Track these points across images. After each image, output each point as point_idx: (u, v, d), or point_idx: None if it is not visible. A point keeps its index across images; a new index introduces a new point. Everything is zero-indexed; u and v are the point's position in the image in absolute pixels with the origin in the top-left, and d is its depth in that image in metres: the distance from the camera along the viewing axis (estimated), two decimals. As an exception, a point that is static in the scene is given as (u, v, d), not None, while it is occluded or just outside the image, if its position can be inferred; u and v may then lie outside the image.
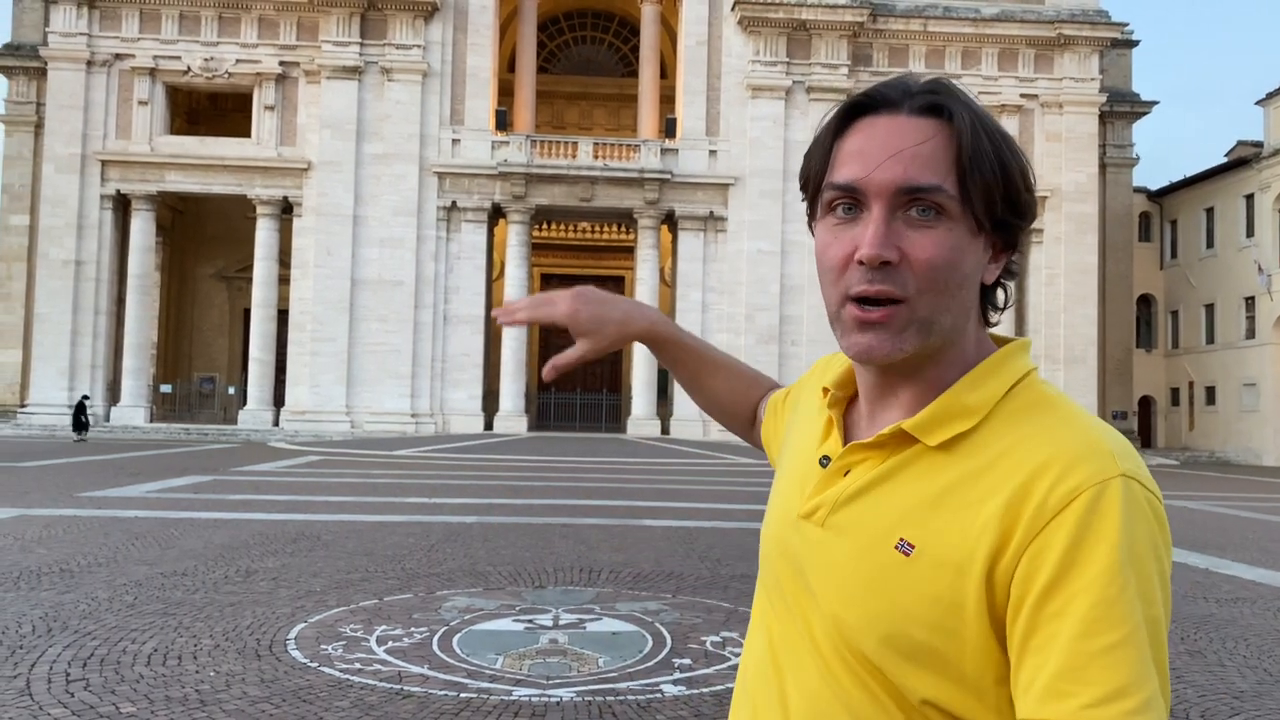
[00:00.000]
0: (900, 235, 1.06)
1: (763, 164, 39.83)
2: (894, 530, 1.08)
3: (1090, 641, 0.94)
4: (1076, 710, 0.93)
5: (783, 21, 40.07)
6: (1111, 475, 1.00)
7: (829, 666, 1.11)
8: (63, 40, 39.10)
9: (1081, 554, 0.97)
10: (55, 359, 38.38)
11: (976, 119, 1.08)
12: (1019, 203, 1.10)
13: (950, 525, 1.04)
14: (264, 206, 39.82)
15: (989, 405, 1.09)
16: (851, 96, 1.14)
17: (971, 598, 1.01)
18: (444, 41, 40.09)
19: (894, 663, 1.06)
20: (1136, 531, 0.98)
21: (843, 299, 1.09)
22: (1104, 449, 1.03)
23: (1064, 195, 40.88)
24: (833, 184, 1.11)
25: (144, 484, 17.86)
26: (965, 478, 1.06)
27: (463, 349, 39.79)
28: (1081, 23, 40.63)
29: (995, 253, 1.12)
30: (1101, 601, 0.94)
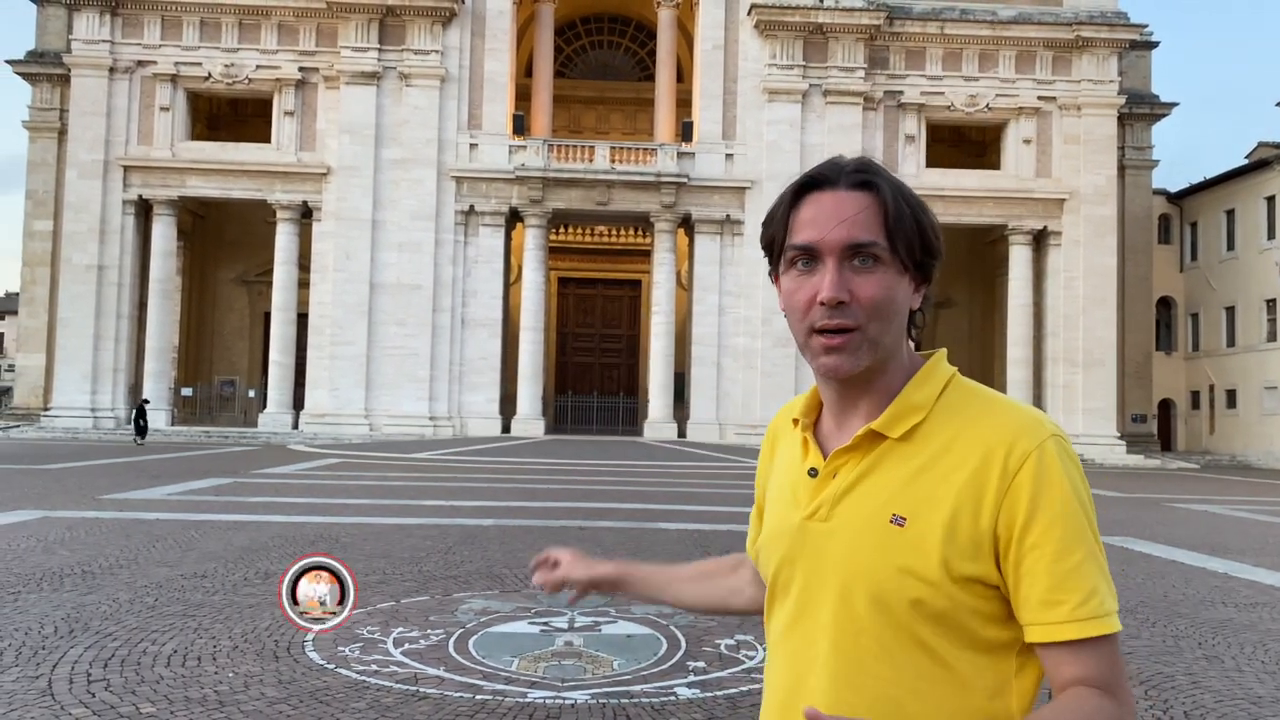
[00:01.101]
0: (849, 280, 1.42)
1: (780, 167, 39.76)
2: (885, 509, 1.41)
3: (1064, 562, 1.35)
4: (1069, 612, 1.34)
5: (799, 25, 40.05)
6: (1046, 437, 1.40)
7: (850, 637, 1.42)
8: (86, 47, 39.54)
9: (1042, 499, 1.36)
10: (78, 362, 38.78)
11: (896, 190, 1.47)
12: (931, 247, 1.49)
13: (930, 495, 1.40)
14: (284, 211, 40.12)
15: (932, 401, 1.47)
16: (798, 178, 1.51)
17: (962, 544, 1.37)
18: (461, 47, 40.29)
19: (906, 612, 1.38)
20: (1073, 474, 1.39)
21: (809, 331, 1.45)
22: (1034, 421, 1.42)
23: (1082, 198, 40.64)
24: (794, 245, 1.46)
25: (165, 486, 18.04)
26: (931, 459, 1.42)
27: (480, 352, 39.94)
28: (1100, 24, 40.39)
29: (916, 285, 1.50)
30: (1066, 533, 1.35)
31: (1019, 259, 41.15)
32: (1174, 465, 38.91)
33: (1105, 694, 1.36)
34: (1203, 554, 12.84)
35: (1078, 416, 40.01)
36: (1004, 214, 41.04)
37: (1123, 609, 8.86)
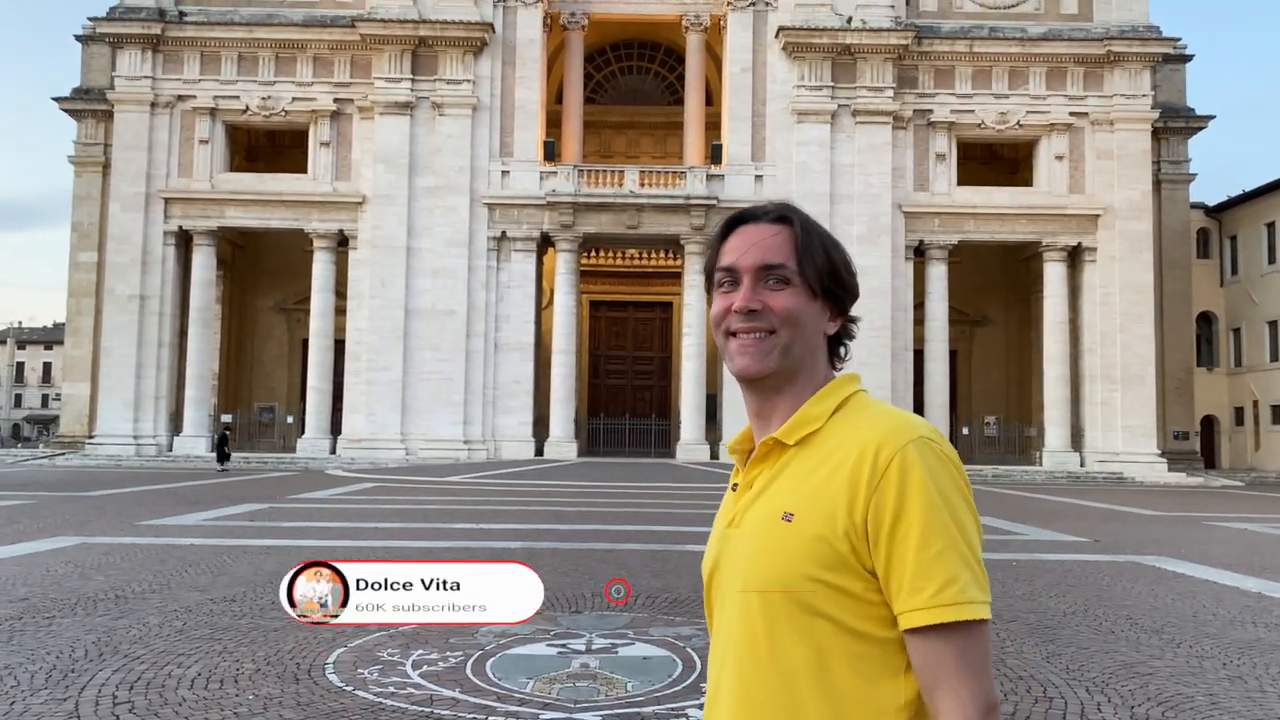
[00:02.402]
0: (762, 294, 1.65)
1: (810, 187, 39.79)
2: (780, 509, 1.57)
3: (926, 551, 1.47)
4: (929, 598, 1.46)
5: (827, 47, 40.15)
6: (910, 439, 1.53)
7: (748, 633, 1.55)
8: (128, 83, 40.59)
9: (906, 496, 1.49)
10: (120, 391, 39.57)
11: (809, 226, 1.68)
12: (840, 279, 1.68)
13: (815, 494, 1.55)
14: (320, 240, 40.79)
15: (829, 413, 1.63)
16: (728, 216, 1.73)
17: (839, 537, 1.51)
18: (493, 76, 40.83)
19: (791, 604, 1.51)
20: (937, 472, 1.51)
21: (726, 335, 1.67)
22: (904, 425, 1.56)
23: (1117, 213, 40.21)
24: (719, 267, 1.69)
25: (201, 512, 18.37)
26: (820, 462, 1.58)
27: (513, 376, 40.22)
28: (1131, 39, 40.08)
29: (832, 314, 1.69)
30: (927, 525, 1.47)
31: (1054, 276, 40.77)
32: (1217, 483, 38.19)
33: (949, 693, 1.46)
34: (1238, 573, 12.65)
35: (1116, 434, 39.45)
36: (1037, 231, 40.72)
37: (1148, 629, 8.80)
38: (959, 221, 40.61)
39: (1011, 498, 26.76)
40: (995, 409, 45.90)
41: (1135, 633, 8.73)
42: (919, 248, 40.69)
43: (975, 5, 41.46)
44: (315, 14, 40.95)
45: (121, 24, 40.29)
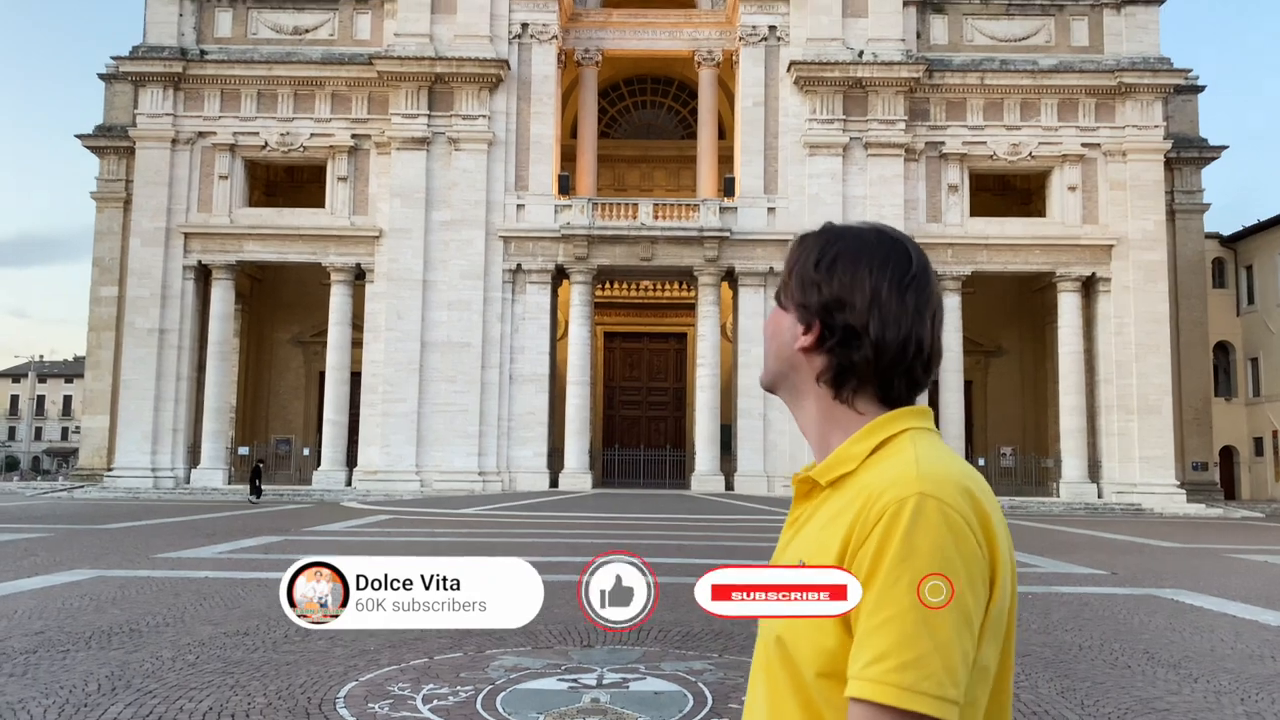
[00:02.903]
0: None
1: (822, 219, 39.08)
2: (798, 555, 1.50)
3: (869, 620, 1.34)
4: (858, 670, 1.33)
5: (838, 80, 40.46)
6: (912, 493, 1.38)
7: (769, 679, 1.49)
8: (150, 121, 41.25)
9: (884, 552, 1.36)
10: (139, 424, 39.87)
11: (816, 237, 1.65)
12: (803, 290, 1.62)
13: (825, 541, 1.46)
14: (338, 273, 41.16)
15: (865, 454, 1.52)
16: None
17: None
18: (508, 111, 41.29)
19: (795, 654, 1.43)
20: (917, 538, 1.36)
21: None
22: (911, 476, 1.41)
23: (1131, 243, 40.16)
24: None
25: (217, 545, 18.44)
26: (842, 508, 1.47)
27: (528, 407, 40.32)
28: (1143, 70, 40.22)
29: (804, 329, 1.61)
30: (880, 590, 1.34)
31: (1068, 306, 40.68)
32: (1237, 514, 37.78)
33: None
34: (1258, 606, 12.51)
35: (1134, 465, 39.15)
36: (1051, 261, 40.70)
37: (1165, 664, 8.71)
38: (972, 252, 40.64)
39: (1028, 529, 26.55)
40: (1011, 440, 45.65)
41: (1152, 667, 8.65)
42: (933, 278, 40.61)
43: (986, 38, 41.72)
44: (334, 52, 41.60)
45: (144, 63, 41.02)
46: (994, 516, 1.44)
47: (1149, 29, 41.05)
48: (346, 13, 42.26)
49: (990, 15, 41.90)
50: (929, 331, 1.57)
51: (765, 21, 41.49)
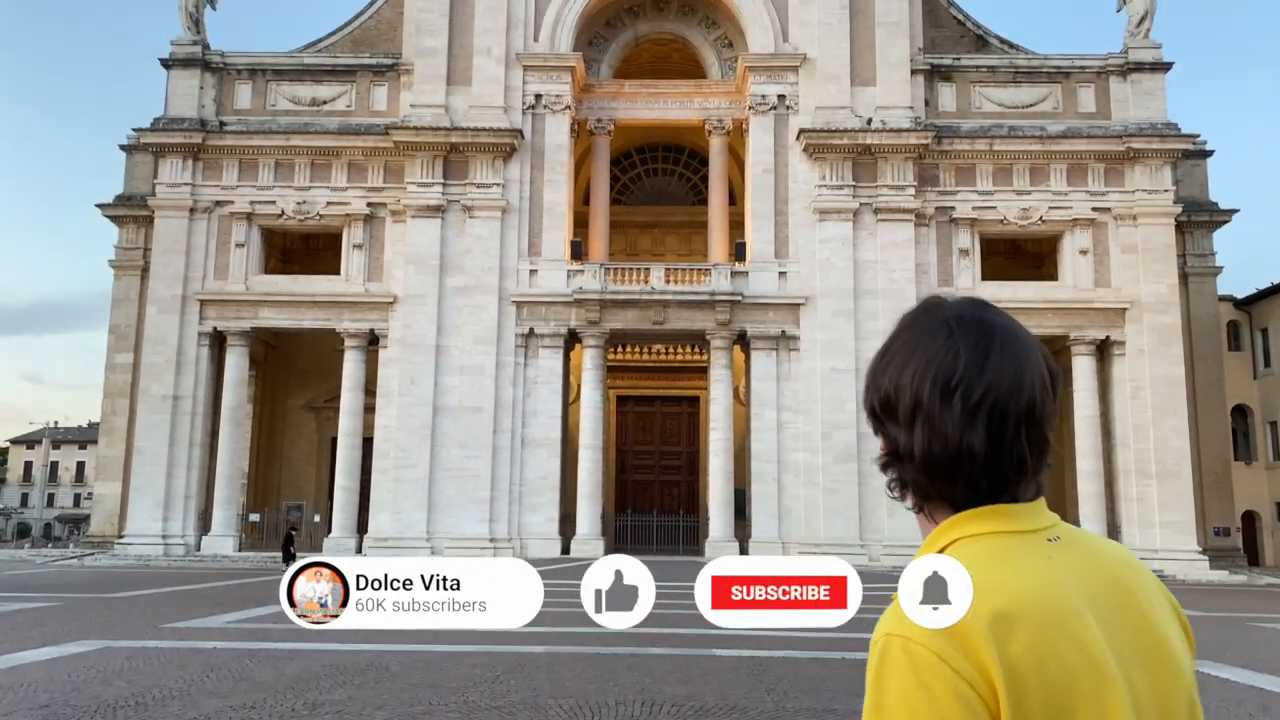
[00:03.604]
0: None
1: (833, 284, 40.15)
2: None
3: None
4: None
5: (847, 147, 40.92)
6: (880, 635, 1.33)
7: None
8: (169, 190, 41.95)
9: (867, 703, 1.30)
10: (151, 490, 39.84)
11: (890, 336, 1.65)
12: (874, 401, 1.56)
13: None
14: (351, 339, 41.40)
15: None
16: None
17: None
18: (522, 179, 41.83)
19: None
20: (886, 685, 1.28)
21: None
22: (890, 610, 1.33)
23: (1144, 307, 40.11)
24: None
25: (226, 614, 18.27)
26: None
27: (540, 472, 40.14)
28: (1150, 136, 40.56)
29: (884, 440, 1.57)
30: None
31: (1083, 370, 40.50)
32: (1261, 581, 37.08)
33: None
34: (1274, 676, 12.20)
35: (1154, 530, 38.57)
36: (1065, 324, 40.64)
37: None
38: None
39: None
40: (1029, 505, 45.00)
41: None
42: (946, 342, 40.60)
43: (994, 105, 42.22)
44: (350, 122, 42.37)
45: (165, 134, 41.85)
46: (1023, 648, 1.26)
47: (1155, 95, 41.50)
48: (363, 85, 43.14)
49: (998, 83, 42.46)
50: (982, 438, 1.40)
51: (774, 91, 42.14)
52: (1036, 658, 1.26)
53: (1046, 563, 1.37)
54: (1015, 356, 1.46)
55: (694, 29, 45.64)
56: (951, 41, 44.16)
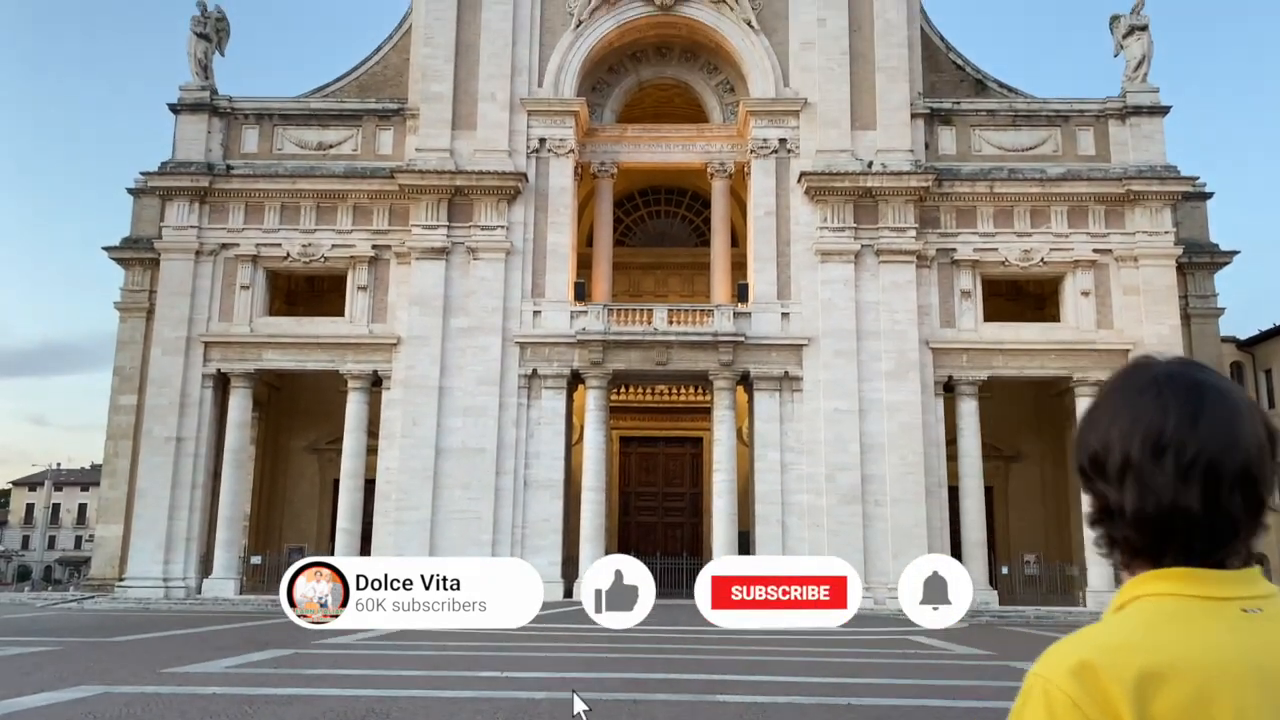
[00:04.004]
0: None
1: (836, 324, 40.25)
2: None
3: None
4: None
5: (848, 190, 41.23)
6: (1029, 675, 1.42)
7: None
8: (175, 233, 42.28)
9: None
10: (153, 533, 39.71)
11: (1096, 399, 1.65)
12: (1082, 457, 1.58)
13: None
14: (355, 381, 41.48)
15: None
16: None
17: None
18: (526, 221, 42.13)
19: None
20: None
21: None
22: (1044, 653, 1.45)
23: (1147, 348, 40.05)
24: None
25: (226, 659, 18.12)
26: None
27: (543, 514, 39.98)
28: (1150, 178, 40.83)
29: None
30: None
31: (1086, 411, 40.37)
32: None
33: None
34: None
35: (1163, 573, 38.19)
36: (1067, 366, 40.64)
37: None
38: (987, 357, 40.69)
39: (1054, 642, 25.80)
40: (1034, 547, 44.84)
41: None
42: (948, 383, 40.69)
43: (993, 148, 42.58)
44: (356, 166, 42.79)
45: (172, 178, 42.27)
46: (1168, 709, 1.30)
47: (1154, 138, 41.85)
48: (369, 129, 43.63)
49: (997, 126, 42.85)
50: (1196, 497, 1.42)
51: (775, 134, 42.55)
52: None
53: (1226, 631, 1.38)
54: (1227, 415, 1.46)
55: (696, 74, 46.21)
56: (951, 86, 44.64)
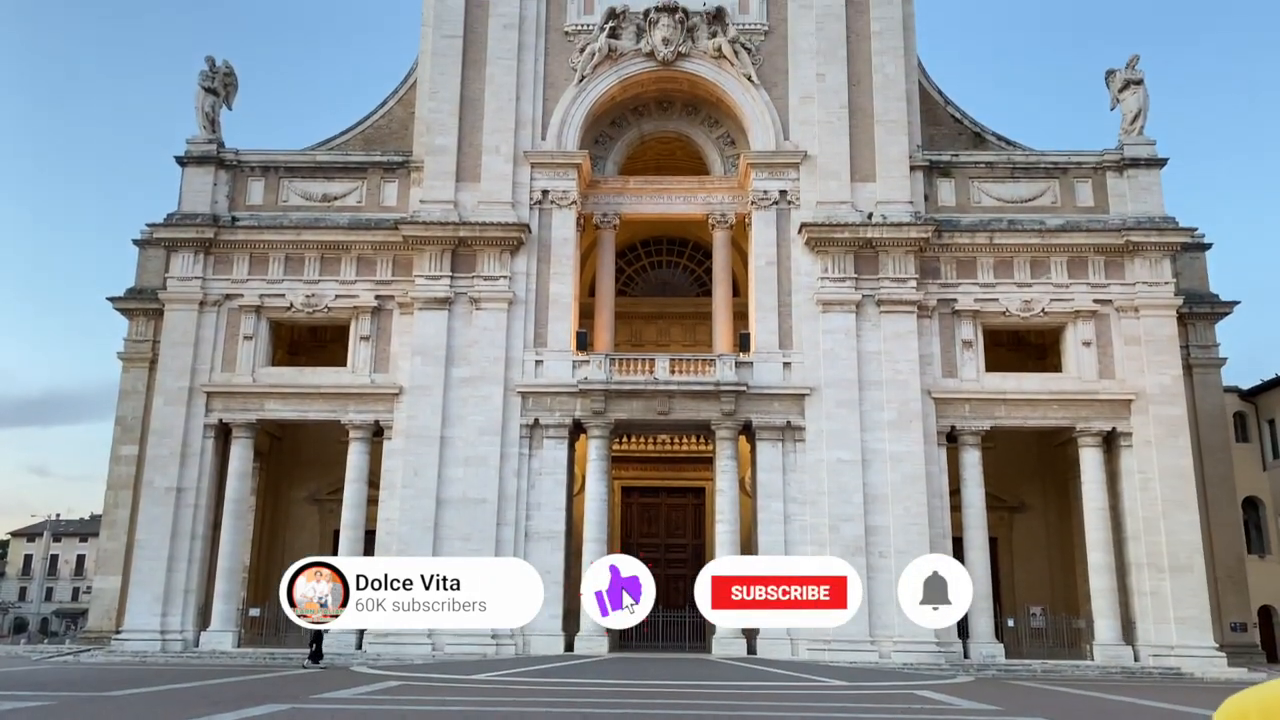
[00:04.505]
0: None
1: (838, 374, 40.27)
2: None
3: None
4: None
5: (848, 241, 41.50)
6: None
7: None
8: (180, 284, 42.53)
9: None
10: (151, 585, 39.40)
11: None
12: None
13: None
14: (356, 431, 41.43)
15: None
16: None
17: None
18: (529, 272, 42.39)
19: None
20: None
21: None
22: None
23: (1149, 398, 40.10)
24: None
25: (222, 714, 17.85)
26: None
27: (544, 566, 39.51)
28: (1149, 229, 41.10)
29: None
30: None
31: (1090, 461, 40.29)
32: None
33: None
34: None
35: (1170, 626, 37.84)
36: (1070, 416, 40.58)
37: None
38: (990, 407, 40.66)
39: (1063, 696, 25.48)
40: (1040, 599, 44.42)
41: None
42: (951, 433, 40.59)
43: (992, 199, 42.94)
44: (361, 217, 43.17)
45: (178, 229, 42.63)
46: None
47: (1152, 190, 42.19)
48: (374, 181, 44.08)
49: (995, 179, 43.25)
50: None
51: (776, 186, 42.96)
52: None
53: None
54: None
55: (697, 128, 46.77)
56: (949, 138, 45.15)
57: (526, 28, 44.61)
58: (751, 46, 44.17)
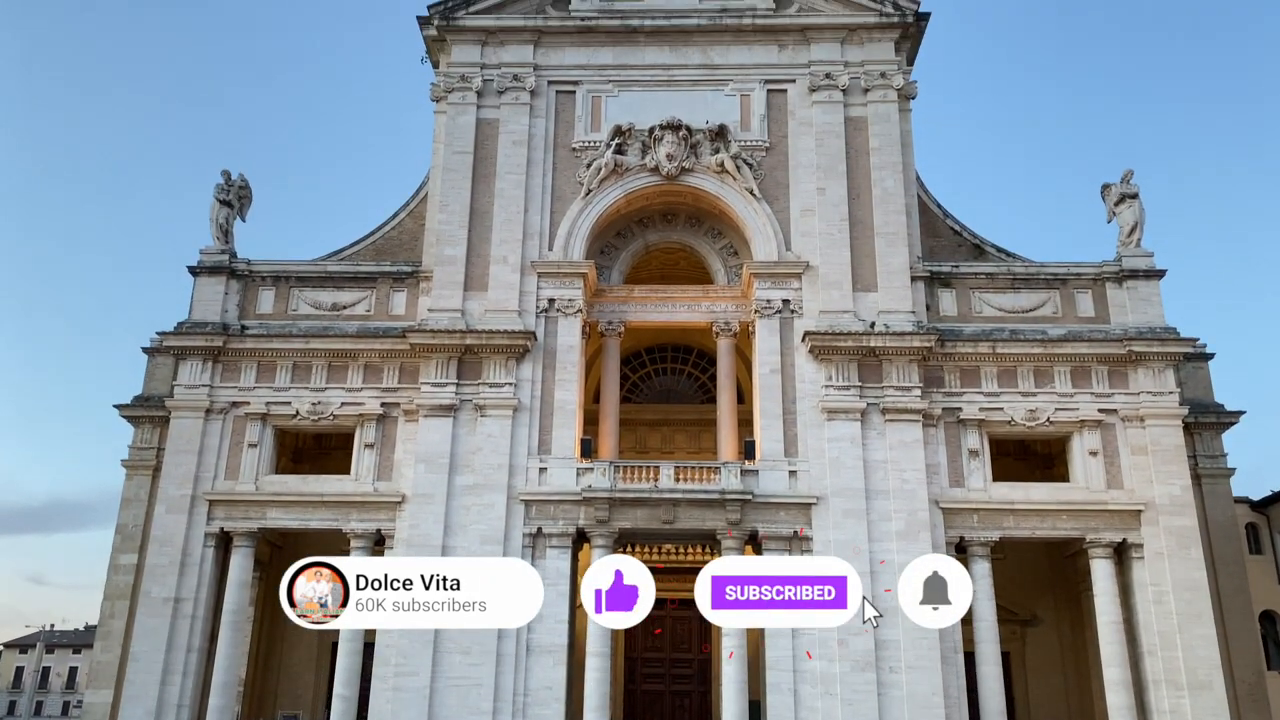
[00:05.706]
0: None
1: (844, 483, 39.98)
2: None
3: None
4: None
5: (852, 349, 41.74)
6: None
7: None
8: (187, 391, 42.73)
9: None
10: (143, 700, 38.41)
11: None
12: None
13: None
14: (357, 540, 41.00)
15: None
16: None
17: None
18: (534, 379, 42.57)
19: None
20: None
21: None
22: None
23: (1159, 509, 39.64)
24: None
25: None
26: None
27: (545, 682, 38.67)
28: (1150, 340, 41.29)
29: None
30: None
31: (1101, 573, 39.60)
32: (1313, 803, 34.79)
33: None
34: None
35: (1192, 747, 36.53)
36: (1080, 526, 40.09)
37: None
38: (998, 517, 40.22)
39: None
40: (1056, 716, 43.13)
41: None
42: (960, 544, 40.05)
43: (994, 309, 43.33)
44: (369, 326, 43.64)
45: (187, 337, 43.06)
46: None
47: (1152, 301, 42.55)
48: (383, 290, 44.73)
49: (996, 289, 43.74)
50: None
51: (779, 296, 43.46)
52: None
53: None
54: None
55: (701, 239, 47.60)
56: (949, 250, 45.85)
57: (535, 144, 45.86)
58: (753, 161, 45.28)
